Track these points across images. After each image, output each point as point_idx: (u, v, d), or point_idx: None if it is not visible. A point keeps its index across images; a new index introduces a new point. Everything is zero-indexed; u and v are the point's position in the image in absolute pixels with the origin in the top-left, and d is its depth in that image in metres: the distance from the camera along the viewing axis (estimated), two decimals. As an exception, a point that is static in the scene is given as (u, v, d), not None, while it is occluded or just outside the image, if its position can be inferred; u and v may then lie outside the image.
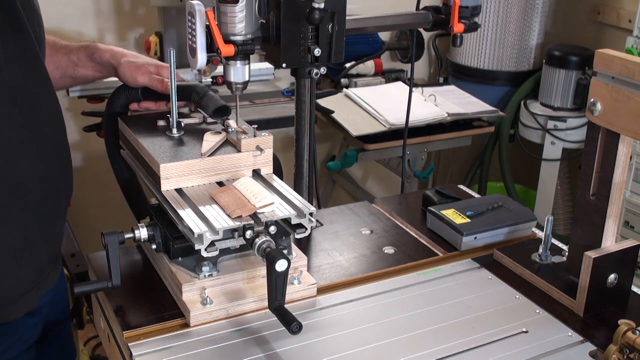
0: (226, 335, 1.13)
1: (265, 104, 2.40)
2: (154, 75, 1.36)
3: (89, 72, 1.46)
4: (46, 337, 1.39)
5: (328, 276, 1.31)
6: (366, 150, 2.59)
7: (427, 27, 1.56)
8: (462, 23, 1.51)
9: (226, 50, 1.20)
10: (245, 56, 1.24)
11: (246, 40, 1.22)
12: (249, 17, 1.21)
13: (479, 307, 1.22)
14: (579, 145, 3.03)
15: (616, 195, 1.21)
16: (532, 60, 3.23)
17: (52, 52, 1.43)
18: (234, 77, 1.25)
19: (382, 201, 1.64)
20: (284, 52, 1.28)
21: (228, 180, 1.24)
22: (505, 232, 1.45)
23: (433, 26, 1.55)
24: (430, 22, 1.55)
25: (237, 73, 1.25)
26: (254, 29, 1.24)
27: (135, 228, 1.22)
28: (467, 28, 1.52)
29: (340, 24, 1.31)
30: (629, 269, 1.26)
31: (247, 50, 1.23)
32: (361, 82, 3.00)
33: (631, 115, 1.11)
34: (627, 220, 2.73)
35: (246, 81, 1.27)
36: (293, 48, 1.29)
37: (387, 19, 1.53)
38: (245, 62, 1.25)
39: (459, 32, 1.52)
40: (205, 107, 1.29)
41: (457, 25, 1.51)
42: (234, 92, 1.27)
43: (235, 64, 1.24)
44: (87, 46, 1.45)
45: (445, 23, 1.52)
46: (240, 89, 1.27)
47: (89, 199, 2.76)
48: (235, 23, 1.20)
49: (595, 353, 1.12)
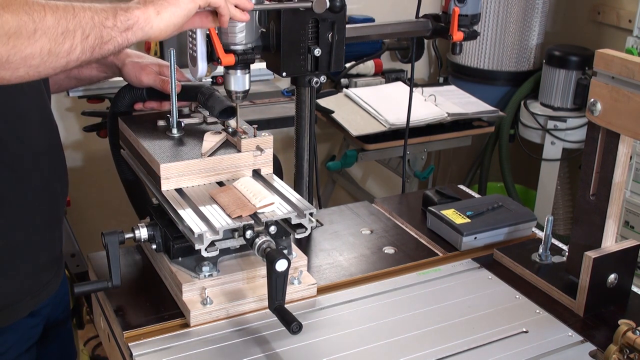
0: (226, 335, 1.13)
1: (265, 104, 2.40)
2: (159, 76, 1.36)
3: (94, 72, 1.45)
4: (47, 337, 1.40)
5: (328, 276, 1.31)
6: (366, 150, 2.59)
7: (427, 35, 1.57)
8: (461, 31, 1.52)
9: (226, 59, 1.21)
10: (245, 65, 1.25)
11: (246, 50, 1.23)
12: (249, 27, 1.22)
13: (479, 307, 1.22)
14: (579, 145, 3.03)
15: (616, 195, 1.21)
16: (532, 60, 3.23)
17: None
18: (234, 86, 1.26)
19: (382, 201, 1.64)
20: (284, 61, 1.30)
21: (228, 180, 1.24)
22: (505, 232, 1.45)
23: (432, 34, 1.56)
24: (429, 30, 1.56)
25: (237, 82, 1.26)
26: (254, 38, 1.25)
27: (135, 228, 1.22)
28: (466, 36, 1.52)
29: (340, 32, 1.31)
30: (629, 269, 1.26)
31: (248, 59, 1.23)
32: (361, 82, 3.00)
33: (631, 115, 1.11)
34: (627, 220, 2.73)
35: (246, 90, 1.27)
36: (293, 57, 1.30)
37: (386, 27, 1.53)
38: (245, 71, 1.25)
39: (459, 41, 1.52)
40: (212, 108, 1.29)
41: (457, 33, 1.51)
42: (234, 101, 1.27)
43: (235, 73, 1.25)
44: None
45: (445, 31, 1.53)
46: (240, 97, 1.27)
47: (89, 199, 2.76)
48: (235, 32, 1.21)
49: (595, 353, 1.12)
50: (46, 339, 1.40)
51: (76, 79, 1.47)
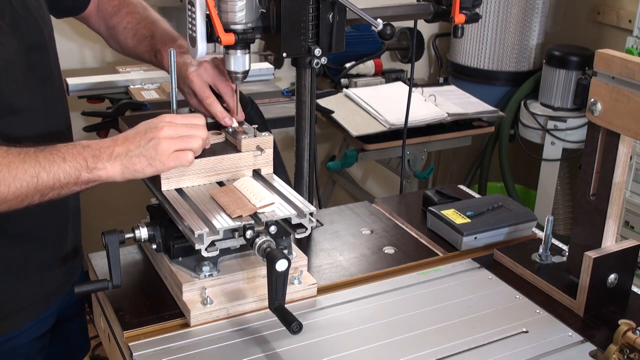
0: (226, 335, 1.13)
1: (265, 104, 2.40)
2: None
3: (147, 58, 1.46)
4: (59, 326, 1.42)
5: (328, 276, 1.31)
6: (366, 151, 2.59)
7: (428, 18, 1.55)
8: (463, 14, 1.50)
9: (226, 38, 1.19)
10: (245, 45, 1.23)
11: (246, 29, 1.22)
12: (249, 6, 1.21)
13: (479, 307, 1.22)
14: (579, 145, 3.03)
15: (616, 196, 1.21)
16: (532, 60, 3.23)
17: (137, 41, 1.45)
18: (234, 66, 1.25)
19: (382, 201, 1.64)
20: (285, 41, 1.28)
21: (228, 180, 1.24)
22: (505, 232, 1.45)
23: (434, 17, 1.54)
24: (431, 13, 1.54)
25: (237, 62, 1.25)
26: (254, 18, 1.24)
27: (136, 228, 1.22)
28: (468, 19, 1.51)
29: (341, 13, 1.30)
30: (629, 269, 1.26)
31: (248, 39, 1.22)
32: (361, 82, 3.00)
33: (631, 115, 1.11)
34: (627, 220, 2.73)
35: (246, 70, 1.26)
36: (294, 38, 1.29)
37: (387, 9, 1.51)
38: (245, 51, 1.24)
39: (460, 23, 1.51)
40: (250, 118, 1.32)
41: (458, 16, 1.49)
42: (234, 82, 1.27)
43: (235, 53, 1.24)
44: (156, 42, 1.43)
45: (446, 14, 1.51)
46: (240, 78, 1.26)
47: (89, 199, 2.76)
48: (235, 11, 1.20)
49: (596, 353, 1.12)
50: (58, 328, 1.42)
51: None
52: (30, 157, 1.06)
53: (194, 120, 1.16)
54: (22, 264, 1.27)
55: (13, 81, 1.17)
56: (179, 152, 1.12)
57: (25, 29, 1.20)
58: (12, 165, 1.04)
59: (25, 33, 1.20)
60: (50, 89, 1.28)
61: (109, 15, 1.47)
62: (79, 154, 1.07)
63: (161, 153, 1.10)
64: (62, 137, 1.27)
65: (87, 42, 2.76)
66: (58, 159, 1.06)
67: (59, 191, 1.08)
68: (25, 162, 1.05)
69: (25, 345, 1.32)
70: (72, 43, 2.73)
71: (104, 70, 2.78)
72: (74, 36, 2.73)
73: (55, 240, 1.34)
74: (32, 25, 1.22)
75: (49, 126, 1.27)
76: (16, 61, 1.18)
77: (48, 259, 1.33)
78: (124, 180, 1.11)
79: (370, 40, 3.09)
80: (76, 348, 1.54)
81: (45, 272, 1.32)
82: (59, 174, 1.06)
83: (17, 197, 1.05)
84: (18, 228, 1.24)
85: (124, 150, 1.09)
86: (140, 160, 1.09)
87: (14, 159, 1.04)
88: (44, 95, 1.26)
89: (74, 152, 1.07)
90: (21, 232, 1.25)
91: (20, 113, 1.21)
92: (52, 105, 1.28)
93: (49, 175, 1.05)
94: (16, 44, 1.18)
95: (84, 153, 1.07)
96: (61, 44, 1.39)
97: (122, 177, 1.10)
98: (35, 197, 1.07)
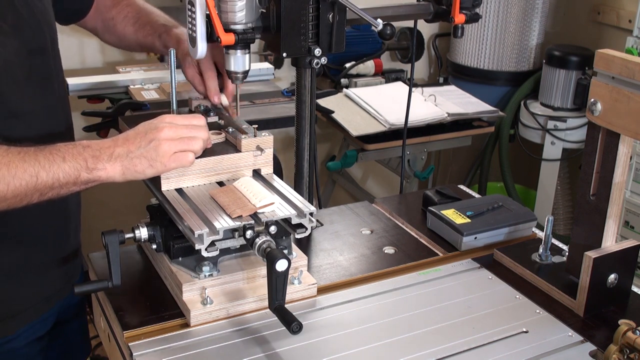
0: (226, 335, 1.13)
1: (265, 104, 2.40)
2: (197, 75, 1.36)
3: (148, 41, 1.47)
4: (59, 328, 1.42)
5: (328, 276, 1.31)
6: (366, 150, 2.59)
7: (428, 18, 1.55)
8: (463, 14, 1.50)
9: (226, 38, 1.20)
10: (245, 45, 1.24)
11: (246, 29, 1.22)
12: (249, 6, 1.21)
13: (479, 307, 1.22)
14: (579, 145, 3.03)
15: (616, 196, 1.21)
16: (532, 60, 3.23)
17: (138, 27, 1.46)
18: (234, 66, 1.25)
19: (382, 201, 1.64)
20: (285, 41, 1.28)
21: (228, 180, 1.24)
22: (505, 232, 1.45)
23: (434, 17, 1.54)
24: (431, 13, 1.54)
25: (237, 62, 1.25)
26: (254, 18, 1.24)
27: (136, 228, 1.22)
28: (468, 19, 1.51)
29: (341, 13, 1.30)
30: (629, 269, 1.26)
31: (248, 39, 1.22)
32: (361, 82, 3.00)
33: (631, 115, 1.11)
34: (627, 220, 2.73)
35: (246, 70, 1.26)
36: (294, 38, 1.29)
37: (387, 9, 1.51)
38: (245, 51, 1.24)
39: (460, 23, 1.51)
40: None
41: (458, 16, 1.49)
42: (234, 82, 1.27)
43: (235, 53, 1.24)
44: (158, 27, 1.45)
45: (446, 14, 1.51)
46: (240, 78, 1.26)
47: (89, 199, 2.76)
48: (235, 11, 1.20)
49: (596, 353, 1.12)
50: (58, 330, 1.42)
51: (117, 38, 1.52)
52: (30, 157, 1.06)
53: (194, 121, 1.16)
54: (22, 265, 1.27)
55: (13, 82, 1.17)
56: (180, 153, 1.12)
57: (27, 31, 1.20)
58: (12, 164, 1.04)
59: (27, 35, 1.20)
60: (52, 93, 1.28)
61: (108, 8, 1.48)
62: (79, 154, 1.07)
63: (162, 154, 1.10)
64: (63, 140, 1.27)
65: (87, 42, 2.76)
66: (58, 159, 1.06)
67: (58, 191, 1.09)
68: (25, 161, 1.05)
69: (25, 346, 1.32)
70: (72, 43, 2.73)
71: (104, 70, 2.78)
72: (74, 36, 2.73)
73: (55, 241, 1.34)
74: (35, 28, 1.22)
75: (51, 130, 1.27)
76: (17, 63, 1.18)
77: (48, 260, 1.33)
78: (124, 180, 1.11)
79: (370, 40, 3.09)
80: (76, 350, 1.53)
81: (45, 273, 1.32)
82: (58, 173, 1.06)
83: (16, 196, 1.05)
84: (18, 229, 1.24)
85: (124, 151, 1.09)
86: (141, 162, 1.09)
87: (13, 157, 1.04)
88: (46, 98, 1.26)
89: (74, 152, 1.08)
90: (21, 233, 1.25)
91: (22, 116, 1.21)
92: (53, 109, 1.29)
93: (48, 174, 1.06)
94: (17, 46, 1.17)
95: (84, 153, 1.08)
96: (61, 44, 1.38)
97: (122, 177, 1.10)
98: (35, 196, 1.07)
